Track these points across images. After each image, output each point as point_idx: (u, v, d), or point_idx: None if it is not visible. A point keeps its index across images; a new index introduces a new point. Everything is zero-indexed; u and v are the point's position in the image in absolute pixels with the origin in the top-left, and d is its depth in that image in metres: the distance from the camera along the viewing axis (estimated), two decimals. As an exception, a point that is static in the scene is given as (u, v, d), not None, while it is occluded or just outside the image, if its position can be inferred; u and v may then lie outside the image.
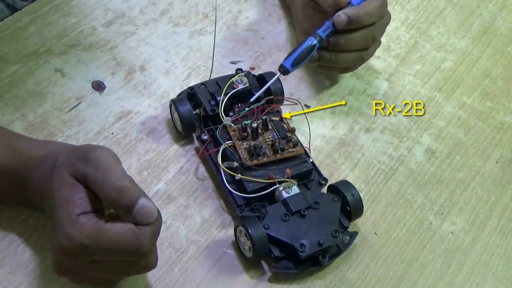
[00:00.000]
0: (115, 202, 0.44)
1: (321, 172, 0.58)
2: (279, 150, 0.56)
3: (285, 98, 0.62)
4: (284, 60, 0.60)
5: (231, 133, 0.57)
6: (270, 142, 0.57)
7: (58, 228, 0.43)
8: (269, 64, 0.70)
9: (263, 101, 0.60)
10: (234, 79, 0.60)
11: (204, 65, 0.68)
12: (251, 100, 0.59)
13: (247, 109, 0.59)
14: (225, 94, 0.59)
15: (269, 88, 0.61)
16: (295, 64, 0.60)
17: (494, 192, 0.62)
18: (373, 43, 0.64)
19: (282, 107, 0.62)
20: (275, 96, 0.61)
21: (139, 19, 0.72)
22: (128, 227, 0.44)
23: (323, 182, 0.58)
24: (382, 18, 0.63)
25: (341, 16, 0.59)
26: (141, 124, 0.62)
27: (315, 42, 0.60)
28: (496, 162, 0.65)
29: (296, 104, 0.63)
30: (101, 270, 0.46)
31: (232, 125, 0.58)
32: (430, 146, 0.65)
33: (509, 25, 0.79)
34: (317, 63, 0.63)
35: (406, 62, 0.73)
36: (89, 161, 0.45)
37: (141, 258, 0.45)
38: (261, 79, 0.62)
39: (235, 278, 0.53)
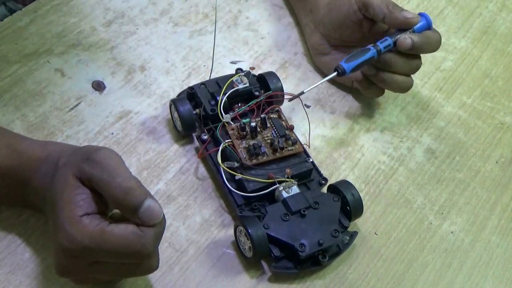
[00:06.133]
0: (121, 202, 0.44)
1: (321, 172, 0.58)
2: (278, 149, 0.56)
3: (284, 94, 0.62)
4: (345, 62, 0.58)
5: (230, 132, 0.57)
6: (269, 141, 0.57)
7: (60, 229, 0.43)
8: (269, 64, 0.69)
9: (262, 97, 0.60)
10: (234, 78, 0.60)
11: (204, 65, 0.68)
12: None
13: (246, 106, 0.59)
14: (225, 94, 0.59)
15: (269, 86, 0.61)
16: (354, 71, 0.59)
17: (494, 192, 0.62)
18: (415, 71, 0.63)
19: (281, 106, 0.62)
20: (275, 95, 0.61)
21: (139, 19, 0.72)
22: (130, 229, 0.44)
23: (323, 182, 0.58)
24: (436, 51, 0.62)
25: (408, 40, 0.59)
26: (141, 124, 0.62)
27: (375, 53, 0.59)
28: (496, 162, 0.65)
29: (295, 98, 0.63)
30: (103, 272, 0.46)
31: (232, 123, 0.58)
32: (430, 146, 0.65)
33: (509, 25, 0.79)
34: (365, 72, 0.62)
35: (406, 62, 0.73)
36: (94, 162, 0.45)
37: (143, 260, 0.45)
38: (261, 79, 0.62)
39: (235, 278, 0.53)
